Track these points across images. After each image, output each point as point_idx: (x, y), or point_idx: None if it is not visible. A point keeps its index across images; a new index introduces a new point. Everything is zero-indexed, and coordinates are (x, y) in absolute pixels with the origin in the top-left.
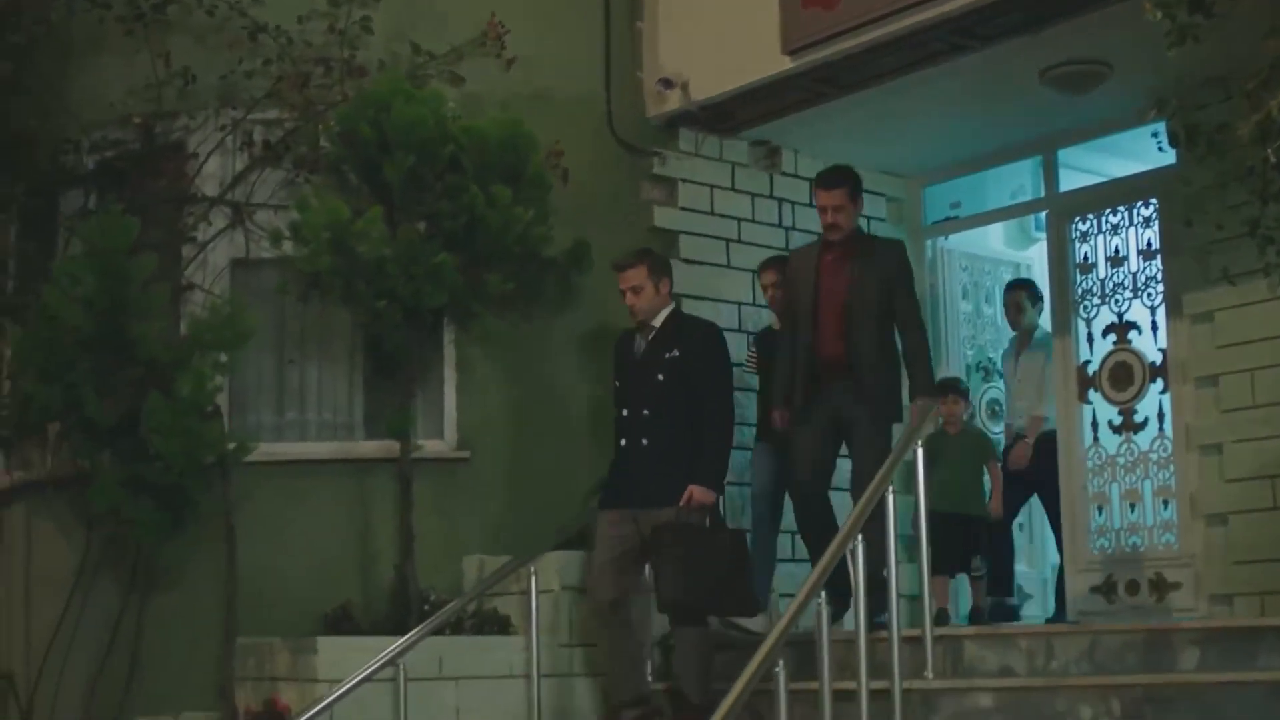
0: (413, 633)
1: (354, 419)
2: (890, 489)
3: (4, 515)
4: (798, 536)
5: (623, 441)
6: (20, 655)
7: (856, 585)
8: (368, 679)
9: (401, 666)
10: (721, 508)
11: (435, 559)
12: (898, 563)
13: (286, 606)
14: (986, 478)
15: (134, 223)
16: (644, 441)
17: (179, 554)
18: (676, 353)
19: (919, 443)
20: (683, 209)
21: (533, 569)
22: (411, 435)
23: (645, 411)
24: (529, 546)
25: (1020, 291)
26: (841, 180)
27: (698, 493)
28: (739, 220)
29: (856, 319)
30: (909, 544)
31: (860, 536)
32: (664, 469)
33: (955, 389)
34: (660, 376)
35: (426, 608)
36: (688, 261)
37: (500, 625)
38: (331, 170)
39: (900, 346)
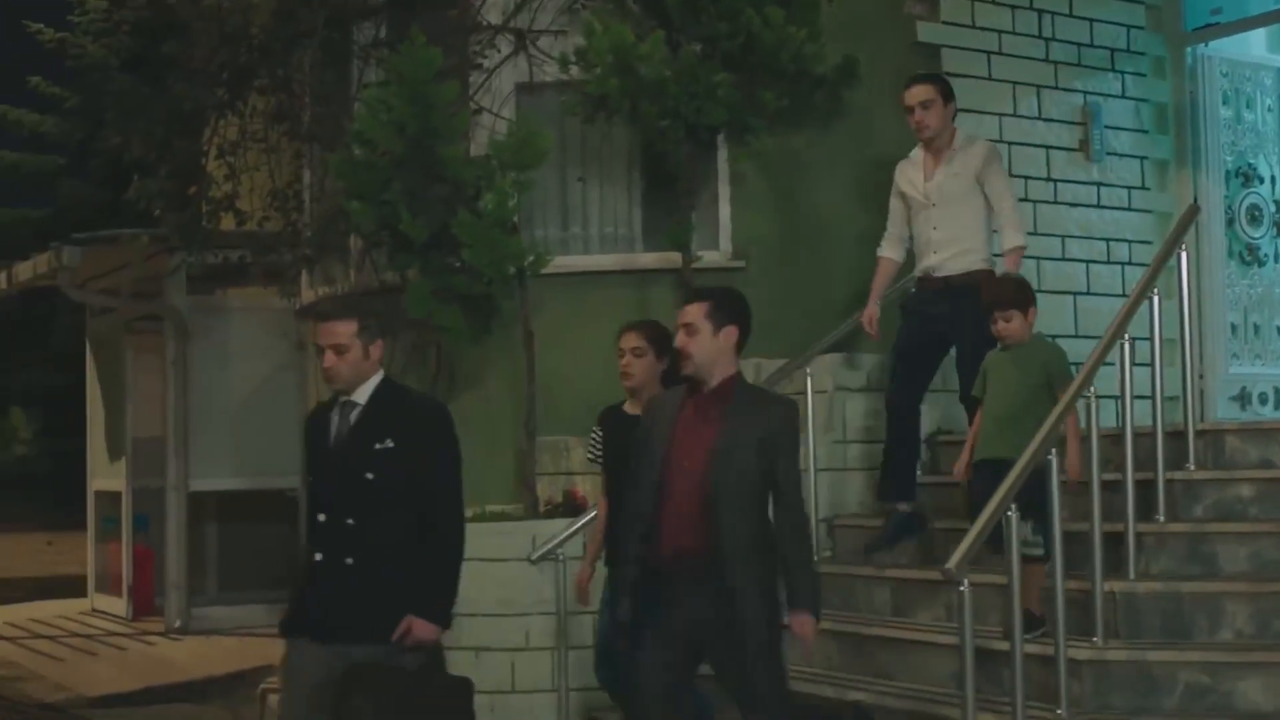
0: None
1: (634, 232)
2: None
3: (310, 326)
4: None
5: (318, 556)
6: None
7: (1124, 384)
8: None
9: None
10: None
11: None
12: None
13: (578, 407)
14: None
15: (437, 52)
16: (348, 560)
17: (478, 359)
18: (390, 444)
19: None
20: (945, 23)
21: (808, 371)
22: (690, 246)
23: (350, 520)
24: (803, 349)
25: None
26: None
27: (419, 627)
28: (999, 33)
29: (722, 497)
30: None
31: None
32: (373, 596)
33: (1007, 301)
34: (369, 475)
35: None
36: (949, 74)
37: None
38: None
39: (780, 534)
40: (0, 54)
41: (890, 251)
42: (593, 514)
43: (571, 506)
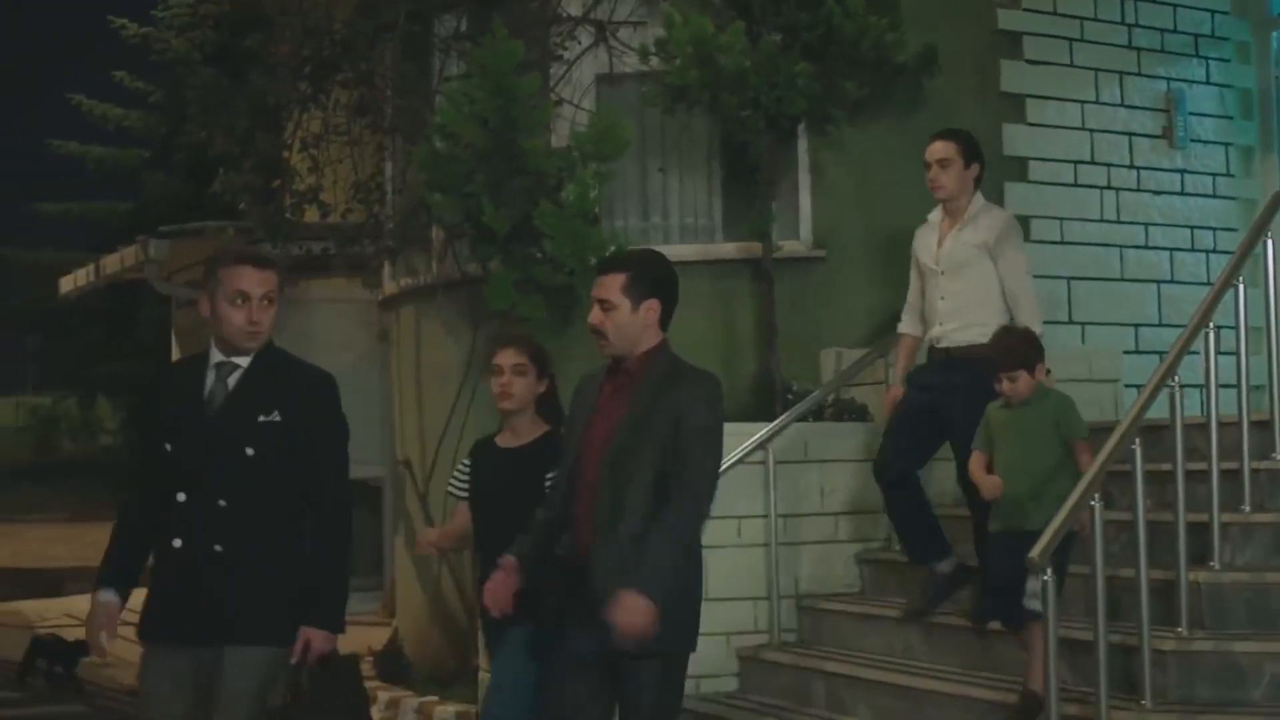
0: (780, 419)
1: (714, 222)
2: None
3: (394, 318)
4: None
5: (176, 542)
6: (415, 444)
7: (1209, 373)
8: (740, 461)
9: (770, 450)
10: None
11: (794, 352)
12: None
13: None
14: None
15: (519, 45)
16: (216, 547)
17: (560, 350)
18: (277, 416)
19: None
20: (1026, 10)
21: (887, 361)
22: (771, 236)
23: (221, 502)
24: (883, 339)
25: None
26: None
27: (318, 640)
28: (1081, 19)
29: (608, 483)
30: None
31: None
32: (249, 591)
33: (1013, 360)
34: (249, 450)
35: (790, 397)
36: (1031, 62)
37: (858, 413)
38: None
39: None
40: (86, 50)
41: (910, 327)
42: None
43: None
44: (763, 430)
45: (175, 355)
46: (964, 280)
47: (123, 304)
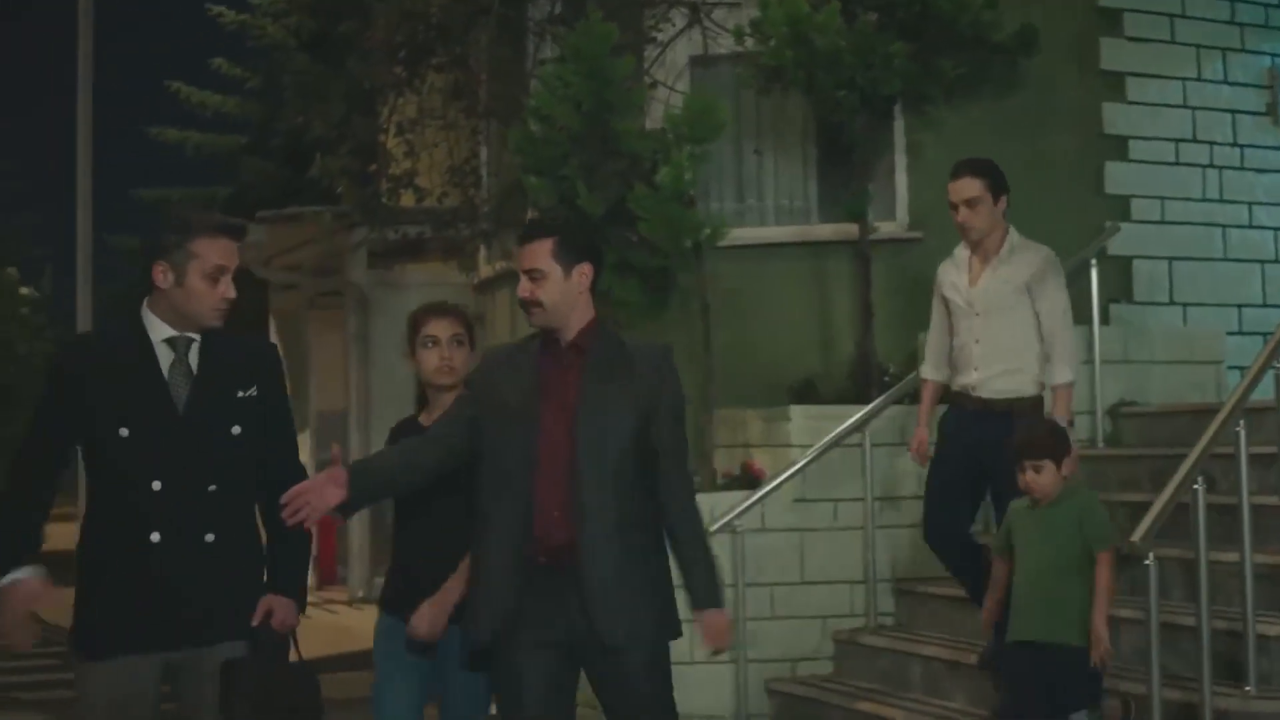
0: (876, 401)
1: (809, 204)
2: None
3: (489, 301)
4: None
5: (155, 536)
6: None
7: None
8: (837, 444)
9: (867, 433)
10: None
11: (891, 334)
12: None
13: (755, 379)
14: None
15: (612, 28)
16: (208, 537)
17: (656, 332)
18: (254, 391)
19: None
20: None
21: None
22: (867, 217)
23: (212, 486)
24: None
25: None
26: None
27: (281, 609)
28: None
29: (586, 472)
30: None
31: None
32: (238, 581)
33: (1039, 449)
34: (235, 429)
35: (886, 379)
36: (1131, 39)
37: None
38: None
39: (669, 518)
40: (184, 37)
41: (934, 373)
42: (768, 487)
43: (749, 479)
44: (859, 413)
45: (274, 338)
46: (1002, 323)
47: None
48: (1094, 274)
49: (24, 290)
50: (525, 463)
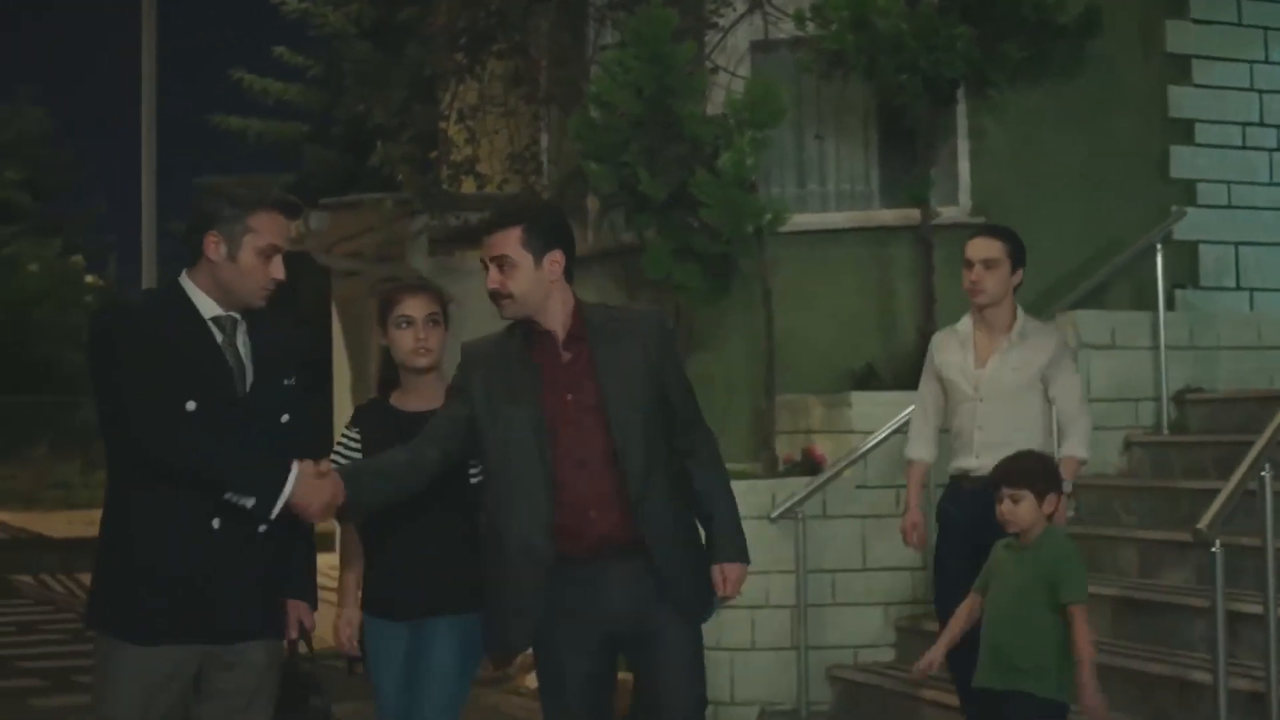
0: None
1: (871, 189)
2: None
3: None
4: None
5: (215, 522)
6: None
7: None
8: (899, 430)
9: None
10: None
11: (953, 320)
12: None
13: (816, 365)
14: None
15: (673, 13)
16: (261, 527)
17: (717, 318)
18: (294, 380)
19: None
20: None
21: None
22: (930, 202)
23: None
24: (1044, 306)
25: None
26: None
27: (308, 616)
28: None
29: (631, 452)
30: None
31: None
32: (275, 578)
33: (1018, 477)
34: (285, 418)
35: None
36: (1197, 21)
37: None
38: None
39: (693, 471)
40: (246, 25)
41: (922, 452)
42: (829, 473)
43: (810, 465)
44: None
45: (336, 326)
46: (1008, 410)
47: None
48: (1159, 259)
49: (89, 278)
50: (539, 467)
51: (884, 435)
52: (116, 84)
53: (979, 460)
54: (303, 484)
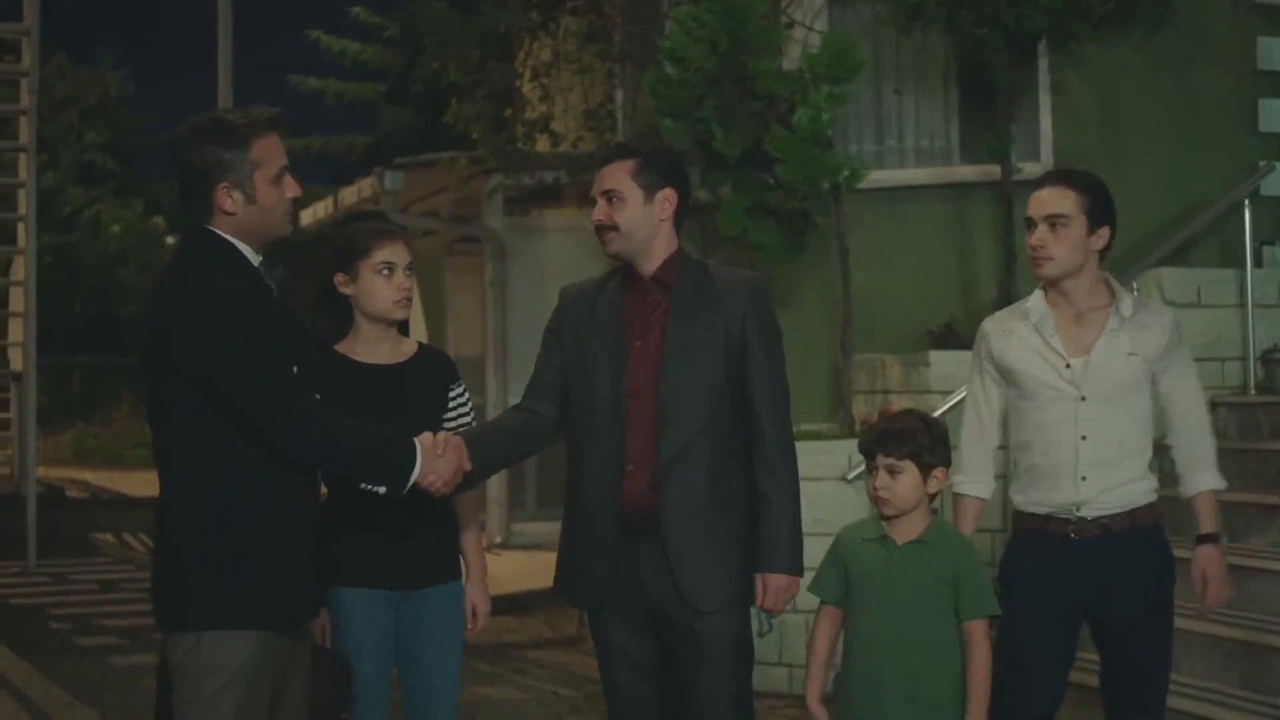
0: None
1: (950, 145)
2: None
3: None
4: None
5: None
6: None
7: None
8: None
9: None
10: None
11: (1033, 278)
12: None
13: (894, 324)
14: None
15: None
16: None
17: (793, 277)
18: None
19: None
20: None
21: (1134, 284)
22: (1010, 158)
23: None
24: (1128, 264)
25: None
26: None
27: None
28: None
29: (673, 421)
30: None
31: None
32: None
33: (894, 443)
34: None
35: None
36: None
37: None
38: None
39: (759, 468)
40: None
41: (976, 487)
42: None
43: None
44: None
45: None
46: (1124, 413)
47: None
48: (1247, 215)
49: (170, 239)
50: (615, 413)
51: (963, 395)
52: (194, 45)
53: (1089, 486)
54: (429, 461)
